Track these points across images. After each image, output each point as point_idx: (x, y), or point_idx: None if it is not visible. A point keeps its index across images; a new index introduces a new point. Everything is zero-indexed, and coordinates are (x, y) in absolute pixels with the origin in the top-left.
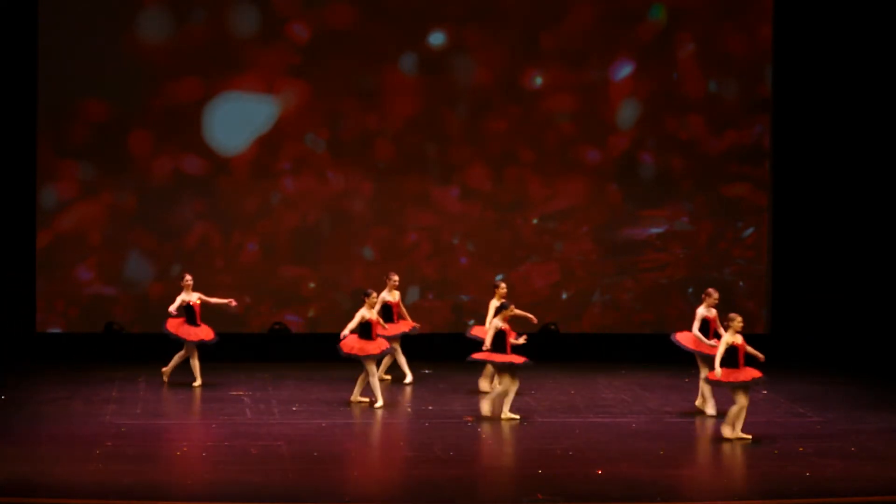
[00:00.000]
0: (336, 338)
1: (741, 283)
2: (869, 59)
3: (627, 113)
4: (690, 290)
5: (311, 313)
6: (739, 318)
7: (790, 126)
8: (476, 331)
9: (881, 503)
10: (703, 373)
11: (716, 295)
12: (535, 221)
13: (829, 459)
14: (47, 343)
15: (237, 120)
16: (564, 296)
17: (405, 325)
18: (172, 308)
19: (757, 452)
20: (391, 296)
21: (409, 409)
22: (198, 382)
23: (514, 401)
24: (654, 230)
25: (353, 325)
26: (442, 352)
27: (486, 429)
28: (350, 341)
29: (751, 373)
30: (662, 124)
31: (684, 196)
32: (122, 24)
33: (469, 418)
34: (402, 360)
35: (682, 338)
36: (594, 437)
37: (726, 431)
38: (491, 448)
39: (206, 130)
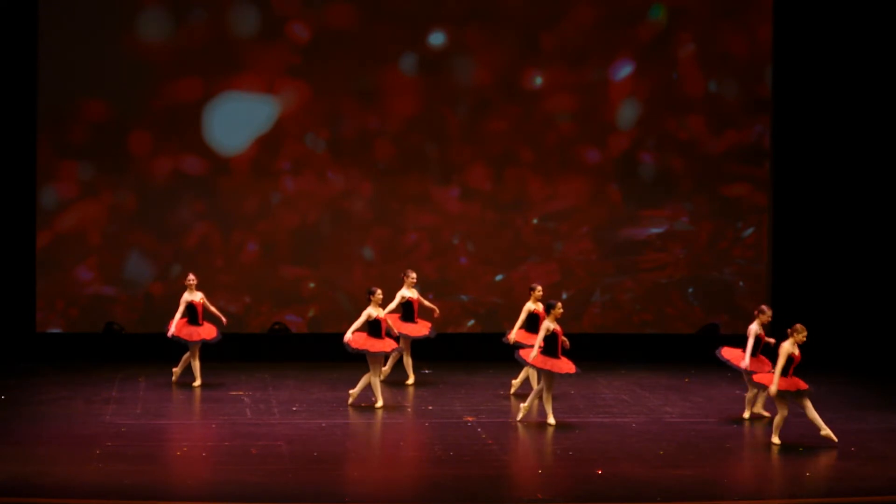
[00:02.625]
0: (337, 337)
1: (741, 283)
2: (869, 59)
3: (627, 113)
4: (690, 290)
5: (311, 313)
6: (804, 333)
7: (790, 126)
8: (519, 336)
9: (881, 503)
10: (750, 388)
11: (769, 312)
12: (535, 221)
13: (829, 459)
14: (47, 343)
15: (237, 120)
16: (564, 296)
17: (424, 328)
18: (178, 315)
19: (757, 452)
20: (411, 293)
21: (410, 409)
22: (198, 382)
23: (513, 400)
24: (654, 230)
25: (358, 324)
26: (442, 351)
27: (486, 429)
28: (358, 338)
29: (798, 383)
30: (662, 124)
31: (684, 196)
32: (122, 24)
33: (469, 418)
34: (409, 362)
35: (729, 354)
36: (594, 437)
37: (775, 440)
38: (491, 448)
39: (206, 130)
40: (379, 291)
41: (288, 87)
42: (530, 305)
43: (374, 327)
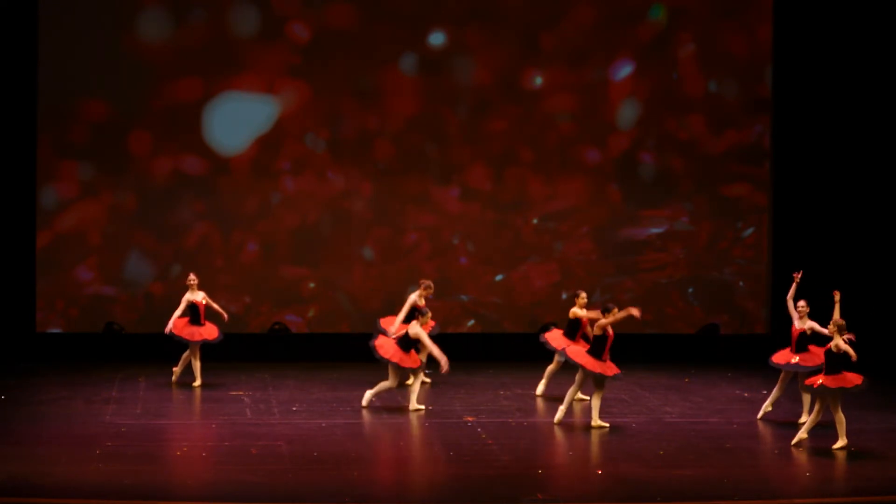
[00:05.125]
0: (337, 337)
1: (741, 283)
2: (869, 59)
3: (627, 113)
4: (691, 290)
5: (311, 313)
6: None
7: (790, 126)
8: (550, 336)
9: (881, 503)
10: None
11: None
12: (535, 221)
13: (829, 459)
14: (47, 343)
15: (237, 120)
16: (564, 296)
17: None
18: (178, 312)
19: (757, 452)
20: (421, 301)
21: (410, 409)
22: (198, 382)
23: (514, 401)
24: (654, 230)
25: (401, 331)
26: (442, 351)
27: (486, 429)
28: (389, 347)
29: (852, 379)
30: (662, 124)
31: (684, 196)
32: (122, 24)
33: (469, 418)
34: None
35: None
36: (594, 437)
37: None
38: (491, 448)
39: (206, 130)
40: (430, 313)
41: (288, 87)
42: (578, 310)
43: (408, 343)
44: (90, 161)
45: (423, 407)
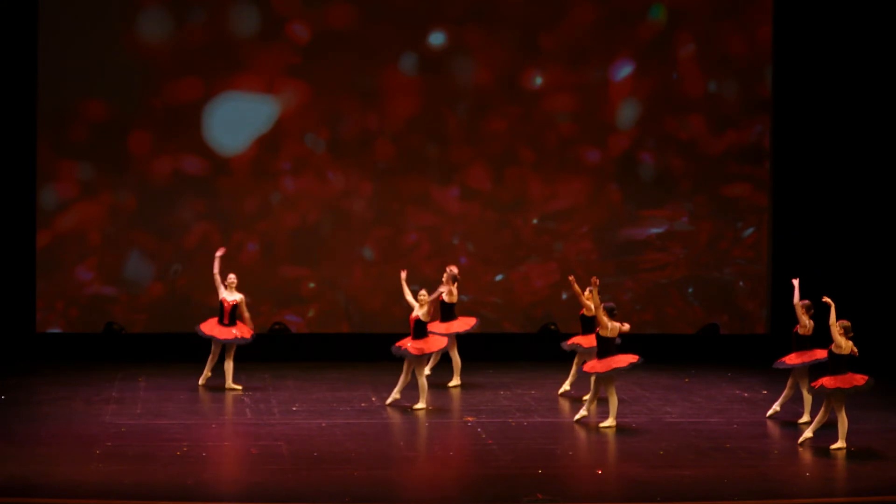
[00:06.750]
0: (337, 337)
1: (741, 283)
2: (869, 59)
3: (627, 113)
4: (690, 290)
5: (311, 313)
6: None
7: (790, 126)
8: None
9: (881, 503)
10: (804, 384)
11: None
12: (535, 221)
13: (829, 459)
14: (47, 343)
15: (237, 120)
16: (564, 296)
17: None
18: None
19: (757, 452)
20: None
21: (410, 409)
22: (202, 381)
23: (514, 401)
24: (654, 230)
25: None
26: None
27: (486, 429)
28: (405, 342)
29: (856, 380)
30: (662, 124)
31: (684, 196)
32: (122, 24)
33: (469, 418)
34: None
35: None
36: (594, 437)
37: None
38: (491, 448)
39: (206, 130)
40: (423, 291)
41: (288, 87)
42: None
43: (419, 328)
44: (90, 161)
45: (423, 407)
